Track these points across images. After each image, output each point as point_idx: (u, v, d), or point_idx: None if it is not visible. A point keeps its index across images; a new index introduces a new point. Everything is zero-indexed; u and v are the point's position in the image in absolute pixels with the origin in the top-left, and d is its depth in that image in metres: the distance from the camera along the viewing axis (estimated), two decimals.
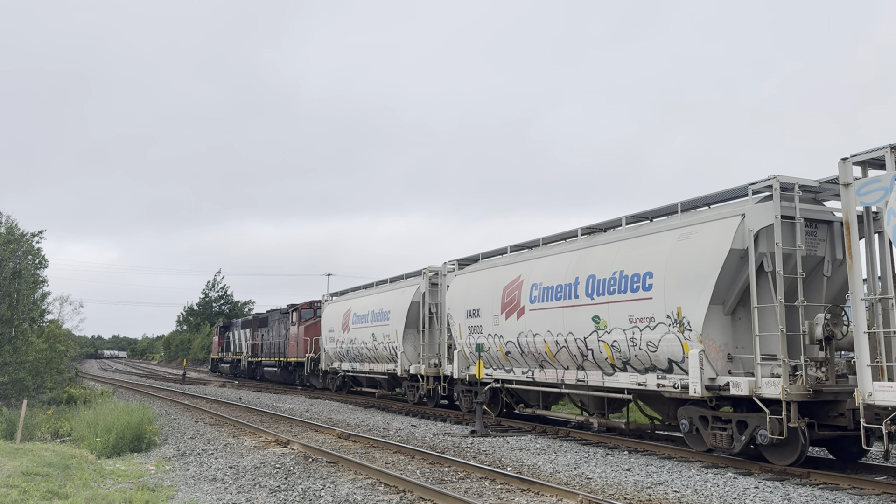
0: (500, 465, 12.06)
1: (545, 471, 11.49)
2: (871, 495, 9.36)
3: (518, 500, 9.26)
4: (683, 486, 10.00)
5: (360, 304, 26.67)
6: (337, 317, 28.55)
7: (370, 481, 10.60)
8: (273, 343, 39.63)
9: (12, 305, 23.55)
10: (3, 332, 23.12)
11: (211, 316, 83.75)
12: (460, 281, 19.45)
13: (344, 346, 27.51)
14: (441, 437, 16.00)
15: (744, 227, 11.05)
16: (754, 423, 10.82)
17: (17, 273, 24.12)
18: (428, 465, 12.07)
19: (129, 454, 14.79)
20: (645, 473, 11.07)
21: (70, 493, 9.58)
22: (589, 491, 9.65)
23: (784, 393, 10.19)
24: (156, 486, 10.54)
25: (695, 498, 9.34)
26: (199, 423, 19.97)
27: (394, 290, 24.15)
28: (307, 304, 35.25)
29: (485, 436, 15.97)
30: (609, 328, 13.23)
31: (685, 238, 11.93)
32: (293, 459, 12.74)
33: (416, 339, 22.31)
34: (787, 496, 9.34)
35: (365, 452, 13.53)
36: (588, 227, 15.12)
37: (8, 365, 22.47)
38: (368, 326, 25.12)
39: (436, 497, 9.20)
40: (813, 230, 11.45)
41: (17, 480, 10.03)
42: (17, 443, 14.81)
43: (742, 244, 11.05)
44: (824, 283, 11.55)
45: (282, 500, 9.54)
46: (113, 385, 40.37)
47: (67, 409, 22.78)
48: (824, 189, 11.41)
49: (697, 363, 11.22)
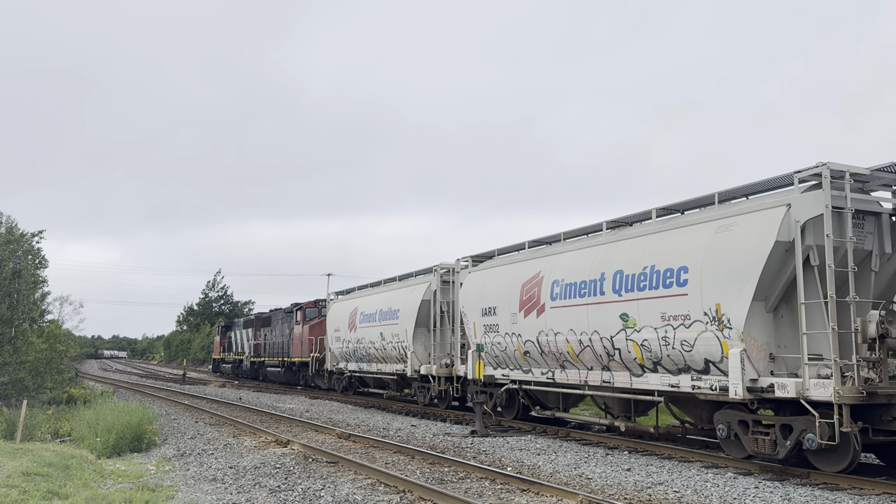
0: (500, 465, 11.99)
1: (545, 471, 11.43)
2: (871, 495, 9.26)
3: (518, 500, 9.24)
4: (683, 486, 9.96)
5: (367, 302, 25.96)
6: (343, 316, 27.83)
7: (370, 481, 10.57)
8: (276, 343, 38.75)
9: (12, 305, 23.20)
10: (3, 332, 22.80)
11: (211, 316, 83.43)
12: (475, 278, 18.77)
13: (350, 346, 26.80)
14: (441, 437, 15.89)
15: (789, 217, 10.36)
16: (800, 428, 10.12)
17: (17, 273, 23.76)
18: (428, 465, 12.01)
19: (129, 454, 14.65)
20: (645, 473, 11.01)
21: (70, 493, 9.53)
22: (589, 491, 9.63)
23: (836, 395, 9.50)
24: (156, 486, 10.48)
25: (695, 498, 9.30)
26: (199, 423, 19.82)
27: (403, 289, 23.46)
28: (312, 303, 34.37)
29: (485, 436, 15.82)
30: (639, 326, 12.54)
31: (724, 230, 11.23)
32: (293, 459, 12.66)
33: (427, 338, 21.63)
34: (787, 496, 9.26)
35: (365, 452, 13.46)
36: (613, 221, 14.42)
37: (8, 365, 22.14)
38: (376, 325, 24.42)
39: (436, 497, 9.18)
40: (860, 222, 10.76)
41: (17, 480, 9.98)
42: (17, 443, 14.64)
43: (788, 236, 10.36)
44: (872, 278, 10.86)
45: (282, 500, 9.50)
46: (113, 385, 40.06)
47: (67, 409, 22.50)
48: (875, 178, 10.74)
49: (738, 363, 10.52)
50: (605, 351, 13.51)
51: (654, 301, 12.20)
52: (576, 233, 15.66)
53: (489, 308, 17.48)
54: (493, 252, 18.79)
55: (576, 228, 15.62)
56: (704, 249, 11.40)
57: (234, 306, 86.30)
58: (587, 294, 13.96)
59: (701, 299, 11.27)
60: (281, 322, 38.40)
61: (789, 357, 10.75)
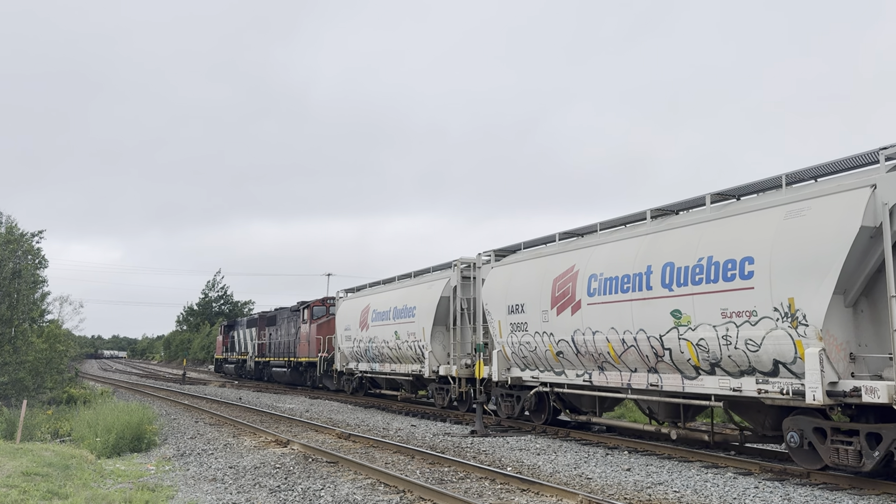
0: (500, 465, 11.94)
1: (545, 471, 11.39)
2: (871, 495, 9.11)
3: (518, 500, 9.19)
4: (683, 486, 9.89)
5: (380, 300, 24.81)
6: (354, 314, 26.67)
7: (370, 481, 10.52)
8: (282, 342, 37.54)
9: (12, 305, 22.99)
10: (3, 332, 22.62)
11: (211, 316, 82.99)
12: (499, 273, 17.66)
13: (361, 346, 25.65)
14: (441, 437, 15.82)
15: (875, 199, 9.23)
16: (891, 436, 9.03)
17: (17, 273, 23.59)
18: (428, 465, 11.97)
19: (129, 454, 14.58)
20: (645, 473, 10.94)
21: (70, 493, 9.50)
22: (589, 491, 9.58)
23: None
24: (156, 486, 10.43)
25: (695, 498, 9.24)
26: (199, 423, 19.70)
27: (420, 285, 22.35)
28: (319, 301, 33.09)
29: (485, 436, 15.67)
30: (694, 324, 11.43)
31: (795, 216, 10.11)
32: (293, 459, 12.63)
33: (446, 337, 20.53)
34: (787, 496, 9.18)
35: (365, 452, 13.43)
36: (658, 209, 13.32)
37: (8, 365, 21.91)
38: (390, 324, 23.30)
39: (436, 497, 9.12)
40: None
41: (17, 480, 9.96)
42: (17, 443, 14.50)
43: (874, 221, 9.22)
44: None
45: (282, 500, 9.44)
46: (113, 385, 39.76)
47: (67, 409, 22.27)
48: None
49: (817, 364, 9.40)
50: (652, 351, 12.40)
51: (713, 296, 11.08)
52: (614, 223, 14.54)
53: (516, 305, 16.39)
54: (519, 245, 17.64)
55: (614, 218, 14.48)
56: (773, 238, 10.28)
57: (234, 306, 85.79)
58: (631, 289, 12.86)
59: (770, 293, 10.15)
60: (286, 321, 37.26)
61: (871, 357, 9.64)
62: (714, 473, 10.78)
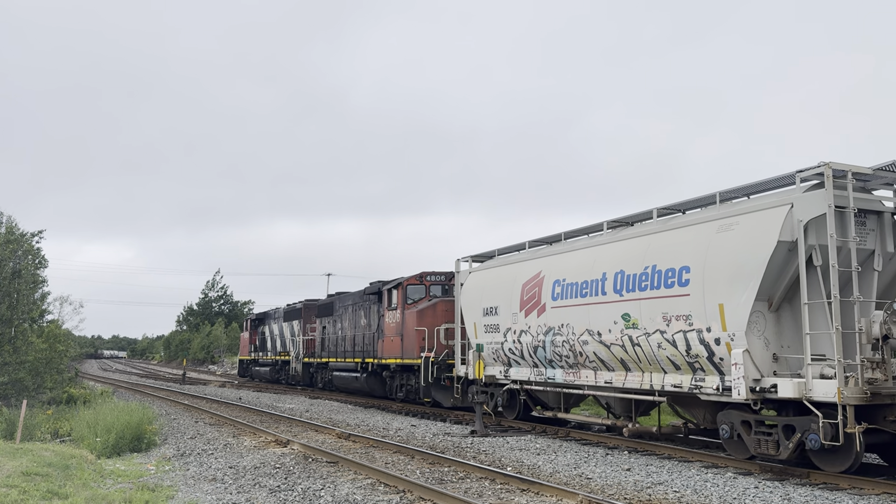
0: (499, 465, 11.97)
1: (545, 471, 11.42)
2: (871, 495, 9.23)
3: (518, 500, 9.23)
4: (683, 486, 9.95)
5: (576, 261, 14.80)
6: (507, 290, 16.85)
7: (370, 481, 10.57)
8: (347, 337, 28.05)
9: (12, 305, 23.33)
10: (3, 332, 22.94)
11: (211, 316, 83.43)
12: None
13: (528, 342, 15.96)
14: (441, 437, 15.87)
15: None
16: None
17: (17, 273, 23.92)
18: (428, 465, 12.01)
19: (128, 454, 14.62)
20: (645, 473, 10.99)
21: (70, 493, 9.52)
22: (589, 491, 9.62)
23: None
24: (156, 486, 10.47)
25: (695, 498, 9.30)
26: (198, 423, 19.78)
27: (701, 224, 12.06)
28: (416, 279, 22.86)
29: (485, 436, 15.72)
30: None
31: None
32: (293, 459, 12.67)
33: (778, 324, 10.26)
34: (787, 496, 9.25)
35: (365, 452, 13.46)
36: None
37: (8, 365, 22.25)
38: (609, 301, 13.49)
39: (436, 497, 9.18)
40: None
41: (16, 480, 9.96)
42: (17, 443, 14.59)
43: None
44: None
45: (282, 500, 9.50)
46: (113, 385, 40.01)
47: (67, 409, 22.53)
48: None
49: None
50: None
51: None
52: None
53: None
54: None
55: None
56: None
57: (233, 306, 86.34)
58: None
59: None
60: (352, 309, 27.86)
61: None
62: (714, 473, 10.86)
